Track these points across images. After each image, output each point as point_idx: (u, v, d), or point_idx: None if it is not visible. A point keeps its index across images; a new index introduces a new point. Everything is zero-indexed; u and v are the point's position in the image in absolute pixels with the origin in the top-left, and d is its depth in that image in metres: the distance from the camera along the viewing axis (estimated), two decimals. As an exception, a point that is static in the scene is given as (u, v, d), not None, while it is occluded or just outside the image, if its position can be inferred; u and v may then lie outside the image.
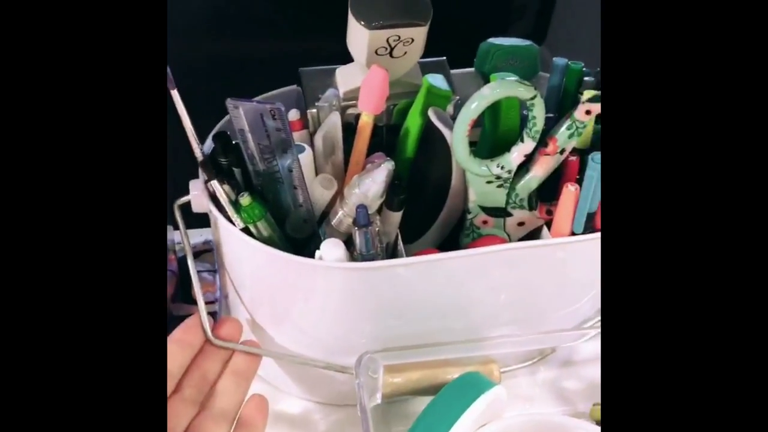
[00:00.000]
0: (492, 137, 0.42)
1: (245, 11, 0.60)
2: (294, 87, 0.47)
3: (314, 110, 0.41)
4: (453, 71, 0.50)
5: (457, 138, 0.37)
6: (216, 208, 0.39)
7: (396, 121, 0.45)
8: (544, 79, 0.48)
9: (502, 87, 0.36)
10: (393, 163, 0.36)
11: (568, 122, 0.38)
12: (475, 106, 0.36)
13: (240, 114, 0.36)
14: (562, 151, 0.39)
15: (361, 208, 0.36)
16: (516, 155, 0.39)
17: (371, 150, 0.42)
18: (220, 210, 0.39)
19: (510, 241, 0.43)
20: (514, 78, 0.36)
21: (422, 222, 0.43)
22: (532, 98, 0.36)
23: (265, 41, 0.62)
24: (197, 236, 0.54)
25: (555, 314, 0.47)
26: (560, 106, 0.46)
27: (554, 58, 0.46)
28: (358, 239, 0.37)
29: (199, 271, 0.43)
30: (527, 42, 0.50)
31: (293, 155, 0.37)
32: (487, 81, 0.43)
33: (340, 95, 0.43)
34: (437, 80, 0.41)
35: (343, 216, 0.38)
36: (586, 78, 0.45)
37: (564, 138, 0.38)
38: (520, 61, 0.49)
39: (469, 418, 0.36)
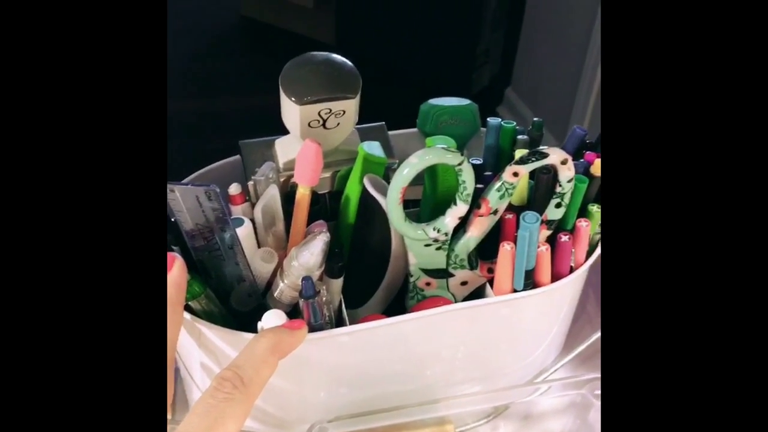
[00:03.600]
0: (432, 198, 0.43)
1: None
2: (237, 157, 0.48)
3: (252, 183, 0.42)
4: (397, 132, 0.51)
5: (392, 205, 0.38)
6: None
7: (338, 187, 0.46)
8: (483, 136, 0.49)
9: (430, 154, 0.37)
10: (328, 234, 0.37)
11: (498, 184, 0.39)
12: (406, 172, 0.37)
13: (176, 197, 0.37)
14: (495, 212, 0.40)
15: (307, 279, 0.36)
16: (450, 219, 0.39)
17: (315, 216, 0.43)
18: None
19: (455, 300, 0.43)
20: (441, 146, 0.37)
21: (366, 287, 0.43)
22: (460, 164, 0.37)
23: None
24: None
25: (510, 368, 0.48)
26: (497, 164, 0.48)
27: (488, 119, 0.47)
28: (305, 310, 0.37)
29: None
30: (466, 101, 0.51)
31: (232, 232, 0.38)
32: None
33: (280, 166, 0.44)
34: (373, 148, 0.42)
35: (284, 287, 0.38)
36: (519, 136, 0.46)
37: (495, 199, 0.39)
38: (460, 120, 0.51)
39: None
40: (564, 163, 0.39)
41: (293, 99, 0.39)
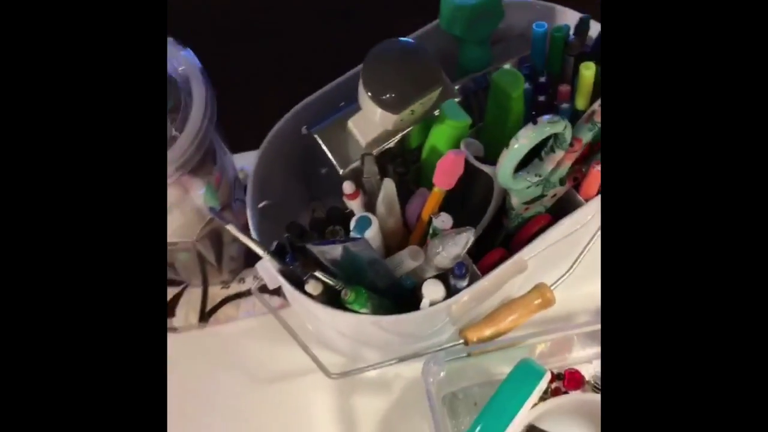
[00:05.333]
0: (501, 126, 0.47)
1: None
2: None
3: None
4: (419, 32, 0.52)
5: (506, 176, 0.42)
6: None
7: (415, 144, 0.48)
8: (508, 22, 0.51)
9: (540, 131, 0.40)
10: (474, 230, 0.41)
11: (588, 125, 0.42)
12: (518, 149, 0.40)
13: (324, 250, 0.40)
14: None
15: (460, 265, 0.42)
16: (549, 163, 0.44)
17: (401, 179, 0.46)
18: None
19: (546, 210, 0.49)
20: (546, 119, 0.40)
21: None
22: (564, 128, 0.40)
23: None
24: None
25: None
26: (548, 66, 0.50)
27: (534, 27, 0.48)
28: (454, 283, 0.43)
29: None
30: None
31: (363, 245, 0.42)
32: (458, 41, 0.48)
33: (362, 146, 0.45)
34: (455, 111, 0.44)
35: (429, 269, 0.44)
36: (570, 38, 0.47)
37: (587, 138, 0.43)
38: (486, 13, 0.51)
39: (528, 405, 0.45)
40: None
41: (389, 110, 0.40)
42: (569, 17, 0.54)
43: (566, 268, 0.53)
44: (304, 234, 0.42)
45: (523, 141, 0.40)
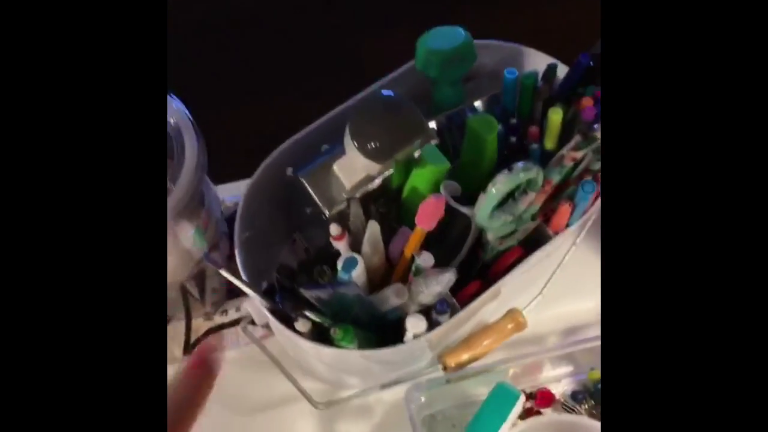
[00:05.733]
0: (476, 168, 0.50)
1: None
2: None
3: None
4: (397, 73, 0.55)
5: (483, 217, 0.45)
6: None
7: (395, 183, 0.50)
8: (480, 61, 0.54)
9: (514, 178, 0.43)
10: (455, 270, 0.44)
11: (558, 168, 0.46)
12: (494, 193, 0.43)
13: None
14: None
15: (442, 303, 0.44)
16: (524, 204, 0.47)
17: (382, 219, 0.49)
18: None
19: (518, 242, 0.52)
20: (520, 167, 0.43)
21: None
22: (536, 174, 0.44)
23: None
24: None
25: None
26: (519, 107, 0.53)
27: (506, 73, 0.51)
28: (436, 317, 0.46)
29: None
30: (460, 33, 0.54)
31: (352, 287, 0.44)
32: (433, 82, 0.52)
33: (347, 189, 0.48)
34: (434, 155, 0.47)
35: (412, 304, 0.46)
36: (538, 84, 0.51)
37: (557, 179, 0.46)
38: (460, 57, 0.54)
39: (506, 427, 0.48)
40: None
41: (374, 160, 0.42)
42: (536, 59, 0.57)
43: (535, 291, 0.56)
44: (293, 276, 0.44)
45: (499, 187, 0.43)
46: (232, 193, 0.67)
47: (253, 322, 0.51)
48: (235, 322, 0.62)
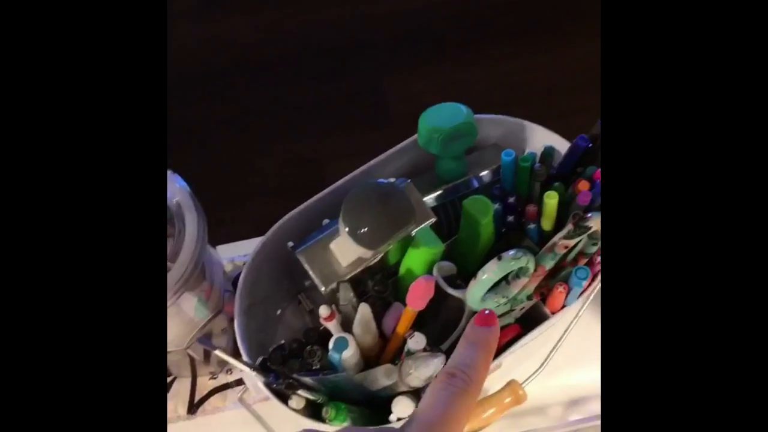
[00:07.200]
0: (473, 250, 0.50)
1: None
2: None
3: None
4: (397, 148, 0.56)
5: (475, 301, 0.45)
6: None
7: (392, 261, 0.51)
8: (482, 134, 0.55)
9: (504, 267, 0.43)
10: (444, 356, 0.44)
11: (550, 254, 0.46)
12: (485, 279, 0.44)
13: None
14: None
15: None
16: (516, 288, 0.47)
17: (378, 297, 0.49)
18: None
19: (515, 320, 0.53)
20: (510, 255, 0.43)
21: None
22: (527, 262, 0.44)
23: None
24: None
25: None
26: (516, 187, 0.53)
27: (503, 156, 0.52)
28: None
29: None
30: (462, 110, 0.55)
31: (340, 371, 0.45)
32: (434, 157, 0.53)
33: (343, 267, 0.49)
34: (427, 238, 0.47)
35: (402, 385, 0.47)
36: (535, 166, 0.51)
37: (549, 264, 0.47)
38: (462, 134, 0.55)
39: None
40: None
41: (365, 247, 0.43)
42: (538, 134, 0.58)
43: (536, 361, 0.56)
44: (285, 361, 0.45)
45: (489, 275, 0.43)
46: (237, 252, 0.69)
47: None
48: (239, 382, 0.64)
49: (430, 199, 0.57)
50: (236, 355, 0.62)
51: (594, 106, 0.52)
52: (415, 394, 0.48)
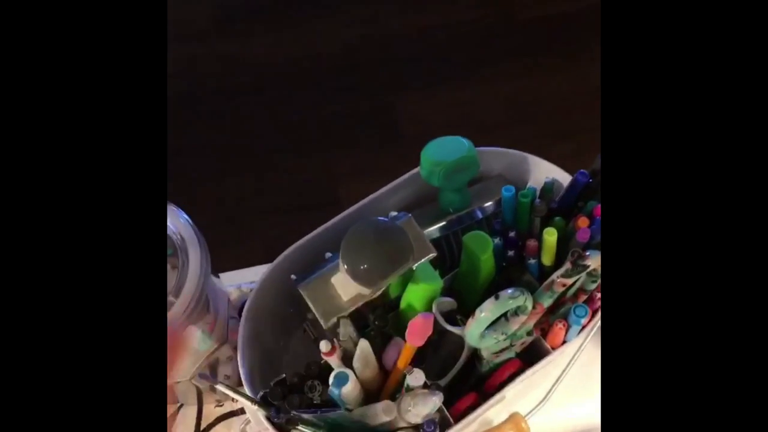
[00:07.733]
0: (474, 285, 0.51)
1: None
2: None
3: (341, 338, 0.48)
4: (399, 180, 0.56)
5: (473, 339, 0.46)
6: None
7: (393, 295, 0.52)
8: (486, 166, 0.56)
9: (502, 305, 0.44)
10: (441, 395, 0.45)
11: (549, 293, 0.46)
12: (482, 317, 0.44)
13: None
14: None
15: (428, 424, 0.45)
16: (515, 324, 0.47)
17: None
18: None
19: (516, 355, 0.53)
20: (508, 294, 0.44)
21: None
22: (524, 301, 0.44)
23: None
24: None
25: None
26: (517, 221, 0.54)
27: (503, 191, 0.52)
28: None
29: None
30: (463, 144, 0.55)
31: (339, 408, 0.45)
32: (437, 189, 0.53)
33: (344, 301, 0.49)
34: (427, 274, 0.48)
35: (401, 421, 0.47)
36: (536, 201, 0.52)
37: (547, 303, 0.47)
38: (463, 167, 0.55)
39: None
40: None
41: (364, 285, 0.44)
42: (541, 167, 0.58)
43: (539, 393, 0.56)
44: (285, 396, 0.46)
45: (487, 314, 0.44)
46: (242, 279, 0.70)
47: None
48: (244, 410, 0.65)
49: (433, 230, 0.58)
50: (241, 384, 0.63)
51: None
52: (415, 429, 0.48)
